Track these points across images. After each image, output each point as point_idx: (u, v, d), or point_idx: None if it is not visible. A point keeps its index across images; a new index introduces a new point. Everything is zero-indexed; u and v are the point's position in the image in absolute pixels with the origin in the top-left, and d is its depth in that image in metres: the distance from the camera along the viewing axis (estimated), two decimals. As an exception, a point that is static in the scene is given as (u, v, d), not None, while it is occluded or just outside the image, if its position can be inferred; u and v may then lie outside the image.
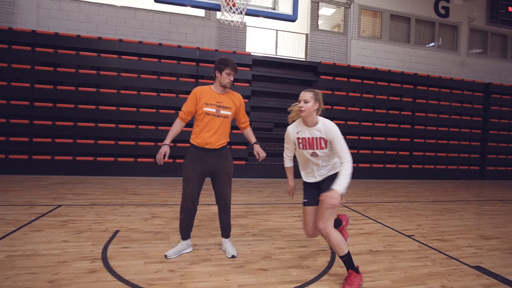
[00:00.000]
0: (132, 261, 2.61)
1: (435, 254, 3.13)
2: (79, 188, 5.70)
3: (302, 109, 2.33)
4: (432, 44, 10.53)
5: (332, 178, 2.42)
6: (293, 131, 2.51)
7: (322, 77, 8.61)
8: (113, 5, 8.24)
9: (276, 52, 9.48)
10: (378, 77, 9.08)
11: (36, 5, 7.76)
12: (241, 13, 3.55)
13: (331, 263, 2.78)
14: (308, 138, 2.42)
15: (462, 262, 2.93)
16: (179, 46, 7.72)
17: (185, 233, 2.81)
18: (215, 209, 4.57)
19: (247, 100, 8.06)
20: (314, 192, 2.57)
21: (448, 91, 9.74)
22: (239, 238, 3.36)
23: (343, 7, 9.76)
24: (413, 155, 9.35)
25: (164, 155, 2.58)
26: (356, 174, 8.40)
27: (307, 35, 9.49)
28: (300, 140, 2.46)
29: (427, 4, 10.37)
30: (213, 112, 2.68)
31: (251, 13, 3.90)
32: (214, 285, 2.27)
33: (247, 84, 8.09)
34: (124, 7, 8.29)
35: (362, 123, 8.89)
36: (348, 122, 8.73)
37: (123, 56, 7.36)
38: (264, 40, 9.34)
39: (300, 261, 2.80)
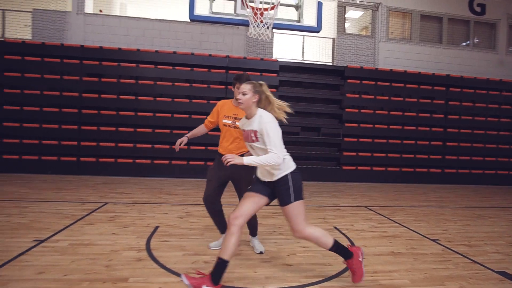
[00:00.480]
0: (172, 252, 2.97)
1: (458, 258, 3.18)
2: (121, 187, 6.27)
3: (240, 101, 2.25)
4: (467, 42, 10.16)
5: (282, 184, 2.28)
6: (240, 122, 2.49)
7: (348, 81, 8.66)
8: (149, 19, 8.91)
9: (303, 57, 9.66)
10: (407, 80, 8.95)
11: (83, 22, 8.60)
12: (268, 28, 3.84)
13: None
14: (247, 131, 2.31)
15: (487, 267, 2.97)
16: (210, 55, 8.17)
17: (220, 229, 3.10)
18: (244, 209, 4.87)
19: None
20: (264, 188, 2.39)
21: (484, 92, 9.35)
22: (266, 236, 3.62)
23: (371, 10, 9.73)
24: (445, 159, 9.07)
25: (181, 143, 3.02)
26: (385, 177, 8.44)
27: (333, 39, 9.58)
28: (244, 133, 2.38)
29: (461, 2, 10.03)
30: (229, 124, 2.96)
31: (277, 26, 4.15)
32: (244, 276, 2.55)
33: (274, 90, 8.34)
34: (159, 20, 8.93)
35: (391, 126, 8.79)
36: (376, 126, 8.69)
37: (159, 66, 7.94)
38: (291, 46, 9.57)
39: (323, 259, 3.00)
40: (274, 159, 2.14)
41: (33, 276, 2.39)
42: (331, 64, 9.44)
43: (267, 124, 2.19)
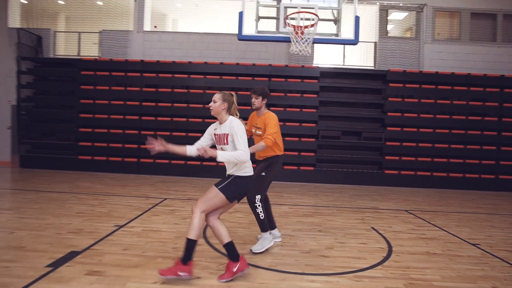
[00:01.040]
0: (224, 241, 3.48)
1: (496, 262, 3.25)
2: (176, 186, 7.06)
3: (211, 108, 2.60)
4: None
5: (227, 177, 2.64)
6: (212, 127, 2.78)
7: (391, 84, 8.63)
8: (199, 33, 9.76)
9: (344, 62, 9.81)
10: (455, 82, 8.64)
11: (142, 39, 9.72)
12: (308, 44, 4.21)
13: (386, 258, 3.21)
14: (219, 134, 2.63)
15: (526, 271, 3.03)
16: (254, 64, 8.74)
17: (269, 225, 3.53)
18: (282, 209, 5.31)
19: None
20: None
21: (544, 93, 8.66)
22: (306, 232, 4.00)
23: (415, 11, 9.56)
24: (499, 164, 8.56)
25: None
26: (431, 183, 8.23)
27: (375, 43, 9.58)
28: (216, 136, 2.70)
29: (517, -3, 9.41)
30: (254, 132, 3.51)
31: (317, 41, 4.51)
32: (286, 263, 2.97)
33: (315, 95, 8.63)
34: (207, 33, 9.74)
35: (437, 130, 8.56)
36: (421, 130, 8.52)
37: (207, 76, 8.71)
38: (332, 52, 9.76)
39: (358, 254, 3.30)
40: (243, 156, 2.46)
41: (120, 251, 3.06)
42: (372, 68, 9.45)
43: (237, 128, 2.50)
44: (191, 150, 2.73)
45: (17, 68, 9.32)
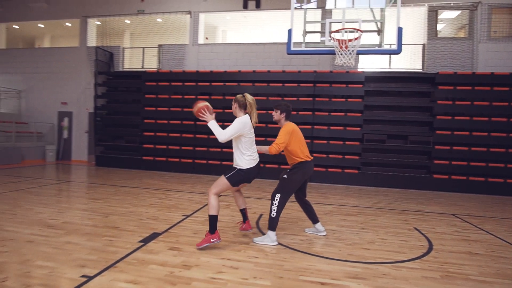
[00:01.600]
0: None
1: (543, 264, 3.31)
2: (227, 185, 7.76)
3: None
4: None
5: (232, 169, 3.40)
6: None
7: (440, 87, 8.46)
8: (247, 43, 10.48)
9: (390, 66, 9.79)
10: (514, 83, 8.19)
11: (197, 51, 10.72)
12: (352, 56, 4.55)
13: (426, 254, 3.46)
14: None
15: None
16: (299, 71, 9.19)
17: (313, 218, 3.98)
18: (327, 208, 5.68)
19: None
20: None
21: None
22: (349, 229, 4.35)
23: (468, 10, 9.22)
24: None
25: None
26: (485, 189, 7.90)
27: (424, 45, 9.42)
28: None
29: None
30: None
31: (360, 53, 4.83)
32: (331, 252, 3.40)
33: (360, 100, 8.79)
34: (255, 43, 10.41)
35: (492, 134, 8.18)
36: (473, 133, 8.22)
37: (256, 84, 9.36)
38: (378, 56, 9.78)
39: (398, 248, 3.60)
40: (220, 135, 3.22)
41: (191, 235, 3.75)
42: (419, 71, 9.30)
43: (235, 121, 3.26)
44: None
45: (94, 81, 10.90)
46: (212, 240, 3.25)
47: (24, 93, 12.66)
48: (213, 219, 3.26)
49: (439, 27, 10.35)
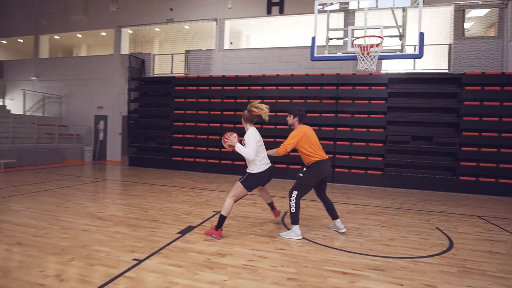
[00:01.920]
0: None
1: None
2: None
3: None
4: None
5: (245, 174, 3.80)
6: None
7: (467, 88, 8.35)
8: (271, 48, 10.80)
9: (414, 67, 9.74)
10: (547, 82, 7.93)
11: (223, 56, 11.19)
12: (374, 61, 4.73)
13: (445, 251, 3.61)
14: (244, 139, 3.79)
15: None
16: (322, 74, 9.39)
17: (333, 215, 4.22)
18: (349, 207, 5.87)
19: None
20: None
21: None
22: (371, 227, 4.54)
23: (498, 8, 9.01)
24: None
25: None
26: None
27: (450, 45, 9.31)
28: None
29: None
30: None
31: (382, 58, 4.99)
32: (353, 246, 3.64)
33: (383, 101, 8.85)
34: (278, 47, 10.72)
35: (523, 135, 7.96)
36: (503, 134, 8.04)
37: (280, 87, 9.66)
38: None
39: (418, 246, 3.76)
40: (249, 154, 3.62)
41: (223, 228, 4.12)
42: (445, 72, 9.20)
43: (247, 135, 3.72)
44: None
45: (128, 86, 11.66)
46: (213, 235, 3.72)
47: (65, 98, 13.74)
48: (222, 219, 3.71)
49: (467, 25, 10.16)
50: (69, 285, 2.46)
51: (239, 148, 3.68)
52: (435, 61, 9.63)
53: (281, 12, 10.61)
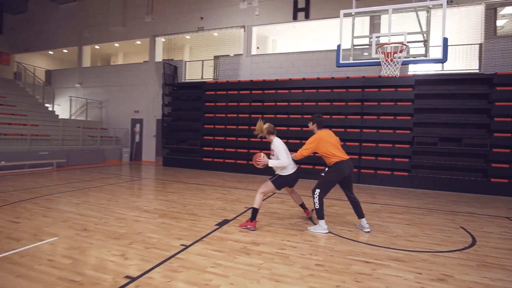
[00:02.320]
0: (327, 218, 4.62)
1: None
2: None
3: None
4: None
5: (274, 175, 4.34)
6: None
7: (498, 88, 8.20)
8: (297, 52, 11.13)
9: (443, 67, 9.66)
10: None
11: (250, 61, 11.68)
12: (397, 67, 4.94)
13: (467, 247, 3.79)
14: (272, 150, 4.34)
15: None
16: (348, 77, 9.58)
17: (359, 213, 4.49)
18: (374, 207, 6.07)
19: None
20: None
21: None
22: (395, 224, 4.77)
23: (533, 6, 8.75)
24: None
25: None
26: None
27: (480, 45, 9.15)
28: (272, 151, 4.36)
29: None
30: None
31: (405, 63, 5.18)
32: (377, 241, 3.92)
33: (410, 103, 8.89)
34: (304, 51, 11.03)
35: (560, 136, 7.70)
36: (538, 135, 7.83)
37: (306, 90, 9.98)
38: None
39: (440, 242, 3.97)
40: (284, 163, 4.11)
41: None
42: (475, 72, 9.05)
43: (276, 146, 4.24)
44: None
45: (162, 92, 12.49)
46: (248, 226, 4.17)
47: (105, 103, 14.89)
48: (254, 211, 4.17)
49: (500, 23, 9.90)
50: (133, 262, 2.99)
51: (273, 163, 4.17)
52: (465, 61, 9.49)
53: (307, 17, 10.91)
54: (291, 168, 4.23)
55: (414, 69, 9.82)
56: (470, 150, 8.34)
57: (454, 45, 9.46)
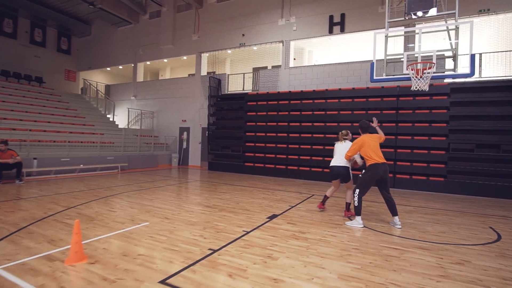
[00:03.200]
0: (365, 216, 5.31)
1: None
2: (317, 187, 9.22)
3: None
4: None
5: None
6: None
7: (538, 95, 8.25)
8: (332, 63, 11.82)
9: (480, 75, 9.79)
10: None
11: (288, 73, 12.57)
12: (425, 81, 5.49)
13: (490, 242, 4.29)
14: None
15: None
16: (382, 87, 10.09)
17: (393, 211, 5.13)
18: (407, 208, 6.57)
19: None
20: None
21: None
22: (425, 222, 5.32)
23: None
24: None
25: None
26: None
27: (520, 52, 9.20)
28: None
29: None
30: None
31: (434, 77, 5.70)
32: (406, 235, 4.56)
33: (445, 111, 9.18)
34: (339, 63, 11.68)
35: None
36: None
37: (341, 100, 10.63)
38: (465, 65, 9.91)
39: (466, 237, 4.49)
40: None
41: (298, 218, 5.37)
42: (515, 79, 9.10)
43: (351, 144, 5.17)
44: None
45: (208, 103, 13.80)
46: (350, 216, 5.48)
47: (156, 113, 16.61)
48: (347, 204, 5.53)
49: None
50: (210, 241, 3.97)
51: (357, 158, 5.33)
52: (504, 68, 9.55)
53: (342, 30, 11.58)
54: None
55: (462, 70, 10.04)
56: (509, 156, 8.44)
57: (492, 52, 9.60)
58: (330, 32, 11.82)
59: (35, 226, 4.35)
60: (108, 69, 20.12)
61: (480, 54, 9.74)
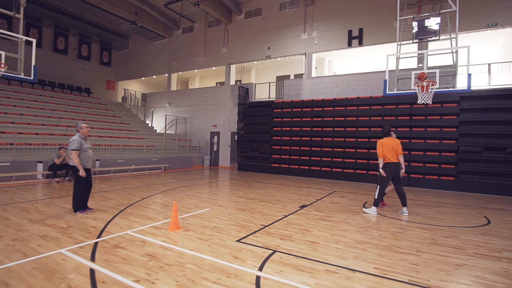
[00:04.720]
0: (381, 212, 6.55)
1: None
2: (338, 185, 10.45)
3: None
4: None
5: None
6: None
7: (541, 103, 9.12)
8: (352, 74, 13.01)
9: (490, 83, 10.70)
10: None
11: (311, 83, 13.87)
12: (429, 95, 6.62)
13: (479, 226, 5.43)
14: None
15: None
16: (397, 96, 11.18)
17: (403, 202, 6.33)
18: (416, 202, 7.73)
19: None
20: None
21: None
22: (429, 213, 6.48)
23: None
24: None
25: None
26: None
27: (526, 62, 10.04)
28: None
29: None
30: None
31: (437, 92, 6.82)
32: (412, 220, 5.78)
33: (455, 117, 10.18)
34: (358, 73, 12.85)
35: None
36: None
37: (360, 107, 11.81)
38: (476, 75, 10.83)
39: (460, 222, 5.65)
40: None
41: (325, 208, 6.68)
42: (521, 87, 9.95)
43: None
44: None
45: (237, 109, 15.31)
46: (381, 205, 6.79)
47: (188, 119, 18.33)
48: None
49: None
50: (259, 221, 5.37)
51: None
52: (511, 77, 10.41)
53: (360, 43, 12.76)
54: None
55: (460, 86, 10.99)
56: (514, 158, 9.34)
57: (503, 62, 10.49)
58: (349, 45, 13.01)
59: (131, 209, 5.93)
60: (143, 78, 22.14)
61: (489, 64, 10.65)
